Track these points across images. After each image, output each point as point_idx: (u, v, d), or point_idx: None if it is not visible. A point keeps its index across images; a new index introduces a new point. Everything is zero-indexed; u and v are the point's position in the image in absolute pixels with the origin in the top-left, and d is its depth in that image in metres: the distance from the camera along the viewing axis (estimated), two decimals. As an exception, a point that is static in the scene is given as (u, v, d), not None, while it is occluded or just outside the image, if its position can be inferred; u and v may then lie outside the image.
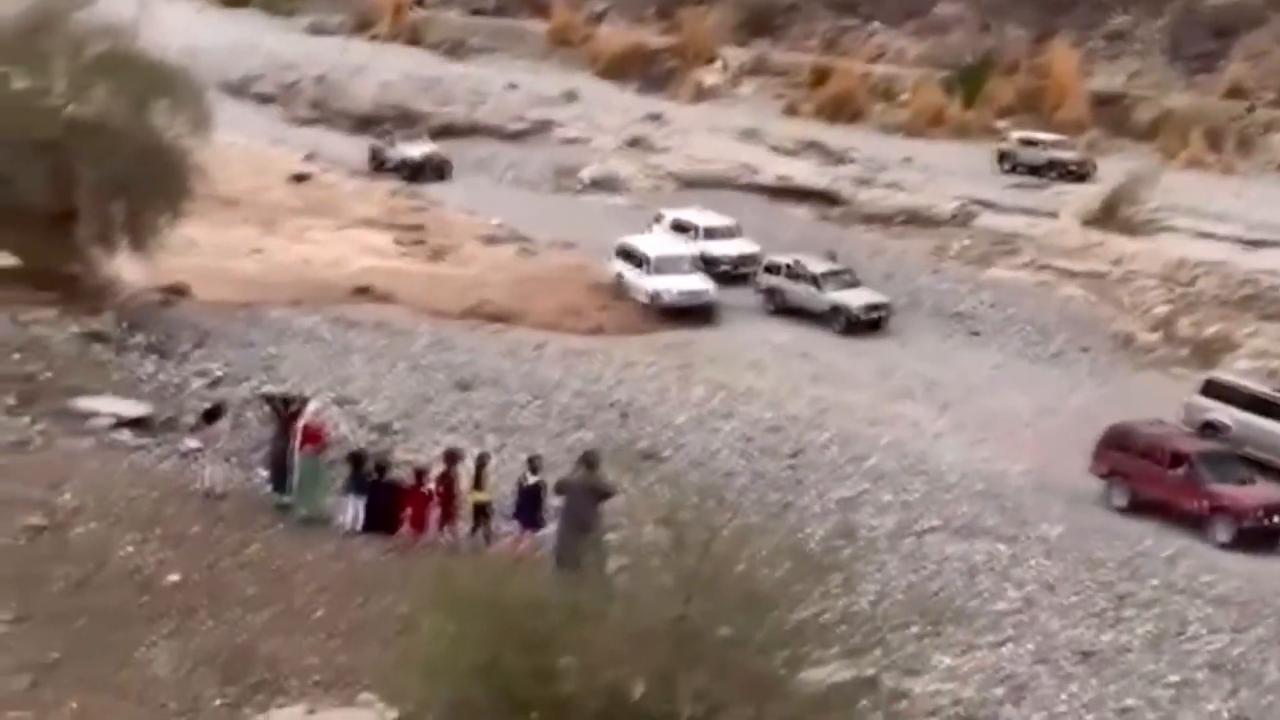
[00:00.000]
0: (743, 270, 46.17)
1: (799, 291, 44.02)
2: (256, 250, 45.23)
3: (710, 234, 47.79)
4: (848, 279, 44.48)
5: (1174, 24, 64.68)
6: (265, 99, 65.88)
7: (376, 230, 49.57)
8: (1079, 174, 55.74)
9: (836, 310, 42.95)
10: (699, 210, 49.82)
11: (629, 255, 44.74)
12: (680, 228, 48.31)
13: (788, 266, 44.57)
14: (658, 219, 49.07)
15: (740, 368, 38.48)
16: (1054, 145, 57.17)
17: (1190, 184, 52.67)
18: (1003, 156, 57.75)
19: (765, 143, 60.08)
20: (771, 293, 44.70)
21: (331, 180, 55.42)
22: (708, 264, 45.63)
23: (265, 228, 47.83)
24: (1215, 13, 64.02)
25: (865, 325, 42.76)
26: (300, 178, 54.89)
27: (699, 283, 44.00)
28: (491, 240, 49.48)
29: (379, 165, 57.78)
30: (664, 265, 44.15)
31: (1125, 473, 31.19)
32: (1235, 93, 60.32)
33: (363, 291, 41.48)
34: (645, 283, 43.45)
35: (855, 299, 43.39)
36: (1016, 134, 58.75)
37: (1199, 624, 25.42)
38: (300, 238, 47.78)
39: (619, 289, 44.02)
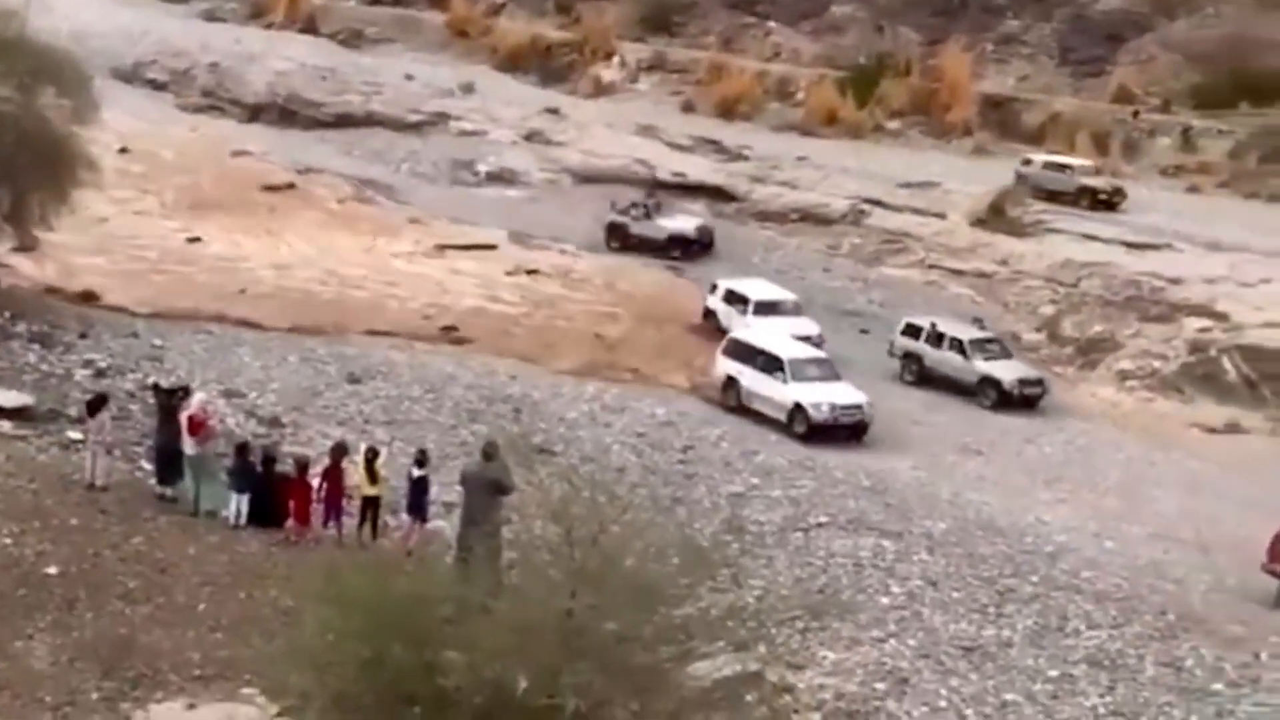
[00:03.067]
0: None
1: (942, 359, 39.81)
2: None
3: (762, 309, 41.20)
4: (997, 349, 40.46)
5: (1063, 29, 65.74)
6: (157, 85, 64.96)
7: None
8: (1110, 203, 52.06)
9: (986, 383, 38.95)
10: (759, 282, 44.06)
11: (745, 354, 36.69)
12: (732, 298, 42.17)
13: (930, 330, 40.33)
14: (713, 289, 43.07)
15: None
16: (1082, 171, 53.41)
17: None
18: (1021, 180, 53.34)
19: (662, 138, 60.25)
20: (909, 359, 40.41)
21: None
22: None
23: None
24: (1103, 18, 65.17)
25: (1018, 402, 38.81)
26: (276, 187, 50.88)
27: (851, 392, 36.08)
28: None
29: (623, 242, 49.56)
30: (803, 369, 36.14)
31: None
32: (1122, 97, 61.49)
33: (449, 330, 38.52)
34: (781, 393, 35.51)
35: (1007, 372, 39.40)
36: (1040, 156, 54.79)
37: (1079, 619, 25.85)
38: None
39: (729, 396, 36.46)
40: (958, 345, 39.80)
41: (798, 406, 35.03)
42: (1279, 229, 50.00)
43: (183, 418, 25.17)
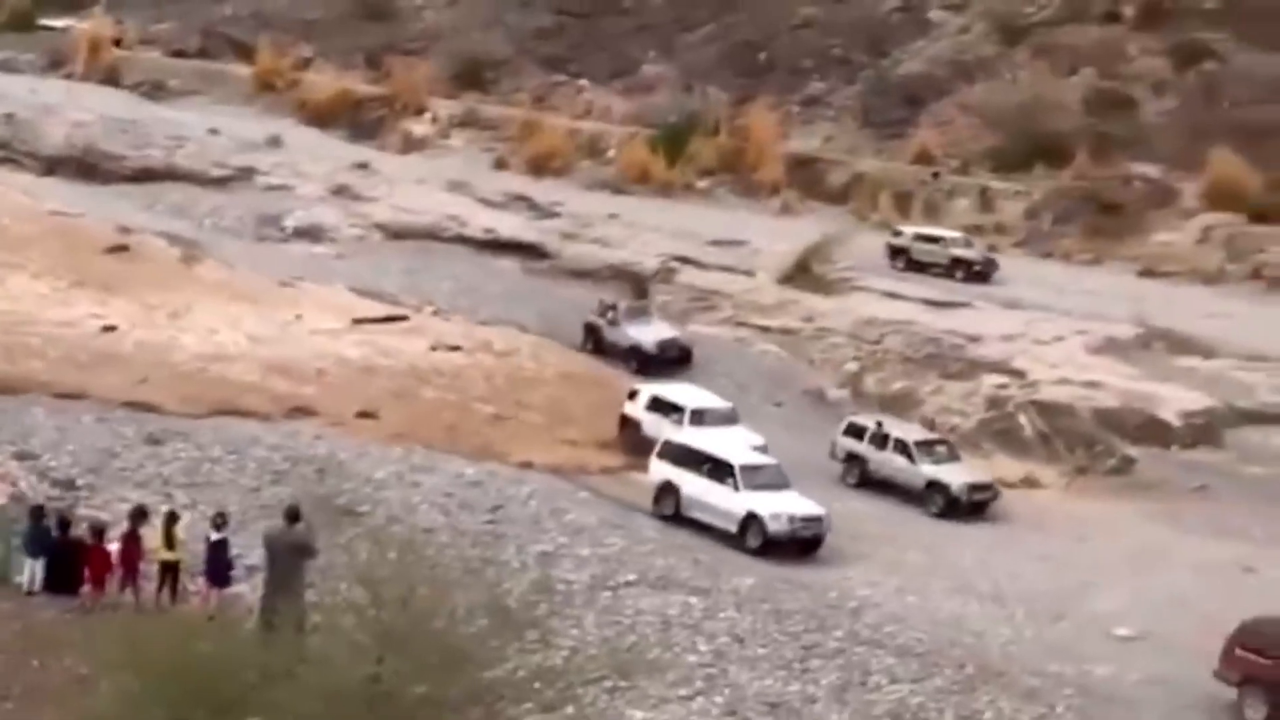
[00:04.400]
0: None
1: (887, 462, 37.44)
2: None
3: (699, 417, 37.78)
4: (946, 451, 38.20)
5: (866, 91, 67.56)
6: (-52, 138, 63.04)
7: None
8: (983, 274, 52.92)
9: (933, 488, 36.58)
10: (686, 387, 40.60)
11: (686, 458, 33.99)
12: (660, 406, 38.44)
13: (874, 431, 37.99)
14: (632, 395, 39.33)
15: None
16: (956, 243, 54.16)
17: (880, 246, 54.87)
18: (896, 253, 54.13)
19: (474, 195, 60.31)
20: (853, 461, 38.00)
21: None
22: None
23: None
24: (904, 82, 67.18)
25: (968, 508, 36.40)
26: (118, 248, 48.87)
27: (807, 503, 33.28)
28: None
29: (596, 346, 46.08)
30: (755, 476, 33.38)
31: (1268, 681, 26.28)
32: (922, 158, 63.31)
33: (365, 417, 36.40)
34: (731, 502, 32.76)
35: (956, 476, 37.00)
36: (911, 229, 55.29)
37: (881, 674, 26.26)
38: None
39: (665, 504, 33.55)
40: (902, 447, 37.48)
41: (752, 517, 32.33)
42: (1071, 288, 51.95)
43: (-28, 481, 24.41)
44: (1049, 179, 60.55)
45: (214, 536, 24.44)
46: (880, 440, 37.80)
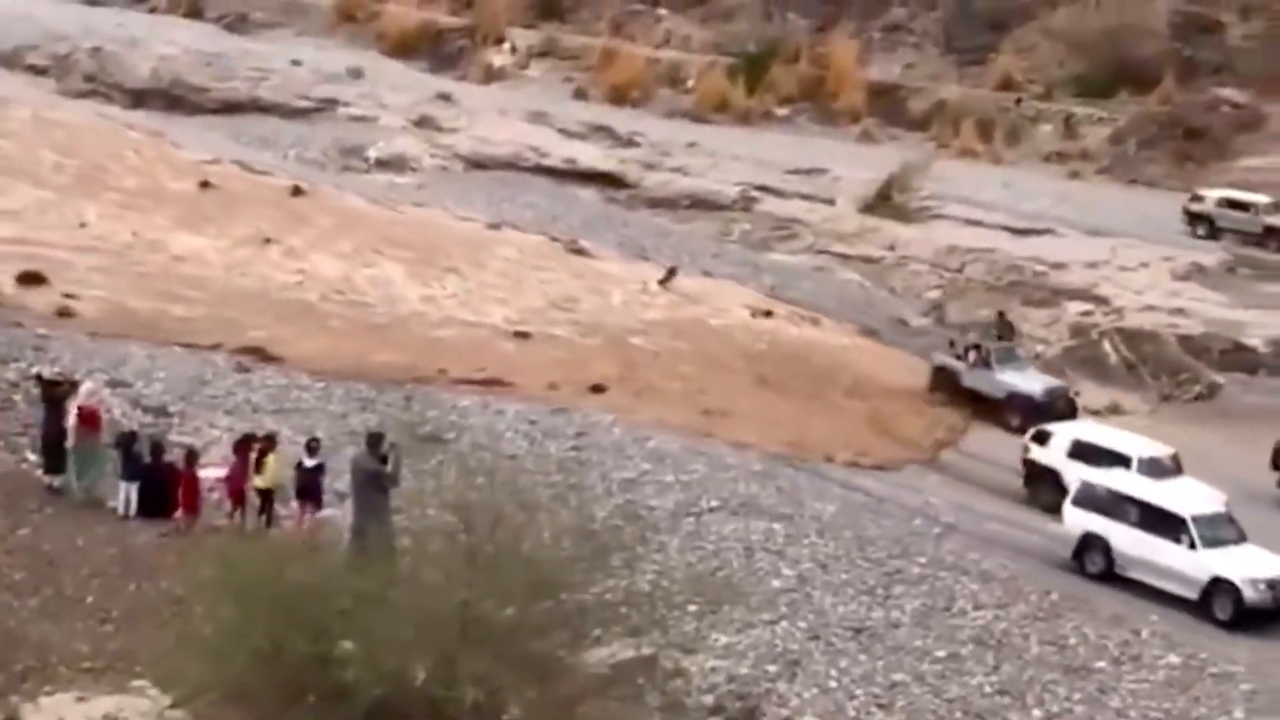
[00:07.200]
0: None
1: None
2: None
3: (1150, 468, 31.13)
4: None
5: (948, 18, 66.77)
6: (38, 71, 63.74)
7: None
8: None
9: None
10: (1109, 428, 34.66)
11: (1113, 506, 28.78)
12: (1090, 453, 31.82)
13: None
14: (1040, 438, 33.04)
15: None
16: (1267, 210, 49.19)
17: (961, 173, 54.50)
18: (1195, 219, 49.63)
19: (553, 125, 60.35)
20: None
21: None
22: None
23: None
24: (987, 7, 66.33)
25: None
26: (297, 191, 47.71)
27: (1275, 559, 28.14)
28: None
29: (949, 393, 38.01)
30: (1212, 530, 28.18)
31: None
32: (1005, 85, 62.69)
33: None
34: (1188, 563, 27.67)
35: None
36: (1214, 193, 50.34)
37: (965, 600, 26.31)
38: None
39: (1092, 559, 28.82)
40: None
41: (1219, 583, 27.39)
42: (1157, 214, 51.32)
43: (71, 408, 24.88)
44: (1134, 104, 59.74)
45: (308, 462, 24.81)
46: None
